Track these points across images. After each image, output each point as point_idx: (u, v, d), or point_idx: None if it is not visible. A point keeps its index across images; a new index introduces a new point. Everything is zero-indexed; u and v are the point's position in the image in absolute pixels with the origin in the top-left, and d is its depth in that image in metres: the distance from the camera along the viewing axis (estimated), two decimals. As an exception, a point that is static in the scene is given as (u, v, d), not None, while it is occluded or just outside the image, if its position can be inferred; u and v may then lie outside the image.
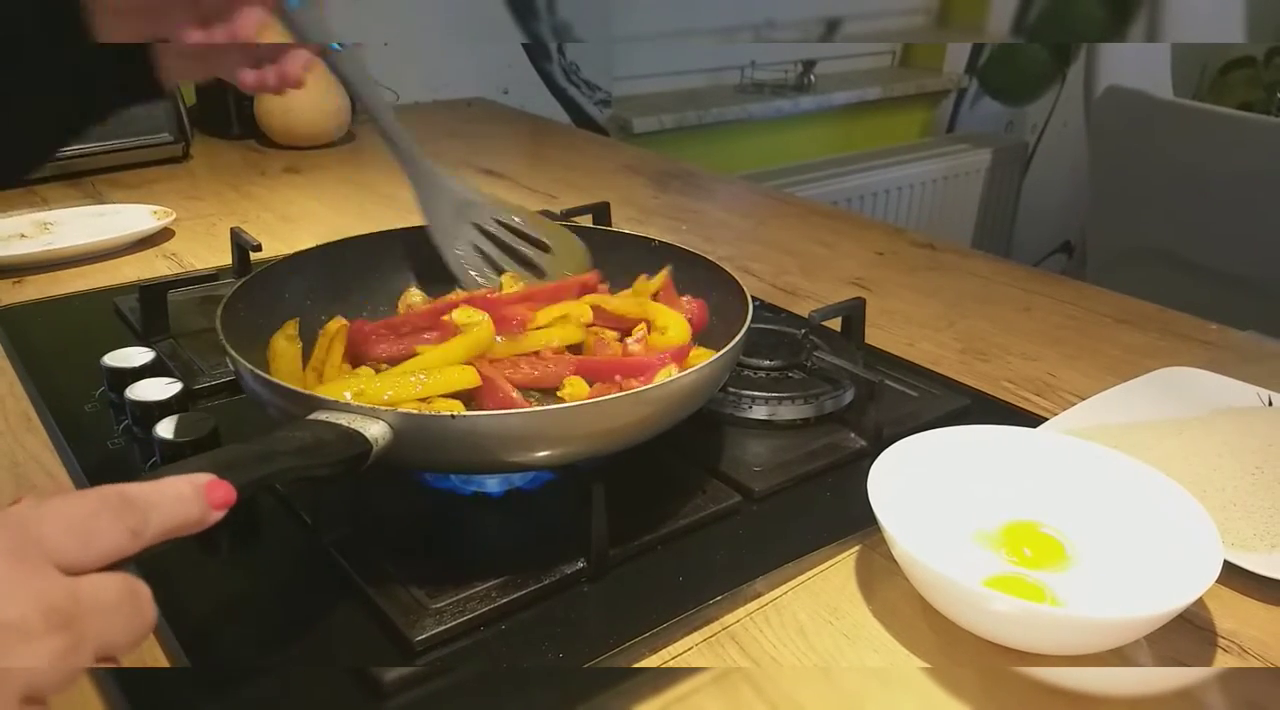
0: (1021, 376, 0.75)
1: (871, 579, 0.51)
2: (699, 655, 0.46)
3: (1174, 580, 0.45)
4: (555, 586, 0.49)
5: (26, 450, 0.62)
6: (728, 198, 1.24)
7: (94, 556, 0.30)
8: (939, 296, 0.91)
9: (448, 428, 0.46)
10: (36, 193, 1.13)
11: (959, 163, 2.41)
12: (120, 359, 0.66)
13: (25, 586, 0.27)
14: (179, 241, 1.00)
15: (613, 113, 1.95)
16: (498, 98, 1.79)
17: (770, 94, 2.16)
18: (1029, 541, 0.51)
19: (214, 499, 0.34)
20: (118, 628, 0.30)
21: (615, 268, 0.70)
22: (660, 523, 0.53)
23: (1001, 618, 0.44)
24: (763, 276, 0.94)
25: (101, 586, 0.29)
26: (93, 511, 0.30)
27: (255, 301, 0.60)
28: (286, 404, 0.48)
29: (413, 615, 0.46)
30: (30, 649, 0.27)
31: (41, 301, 0.85)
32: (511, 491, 0.55)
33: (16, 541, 0.28)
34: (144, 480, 0.33)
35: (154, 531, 0.32)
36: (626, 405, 0.49)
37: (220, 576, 0.51)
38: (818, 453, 0.61)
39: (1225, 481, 0.56)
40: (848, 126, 2.36)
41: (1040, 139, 2.73)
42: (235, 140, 1.39)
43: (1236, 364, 0.74)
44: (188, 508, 0.33)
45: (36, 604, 0.27)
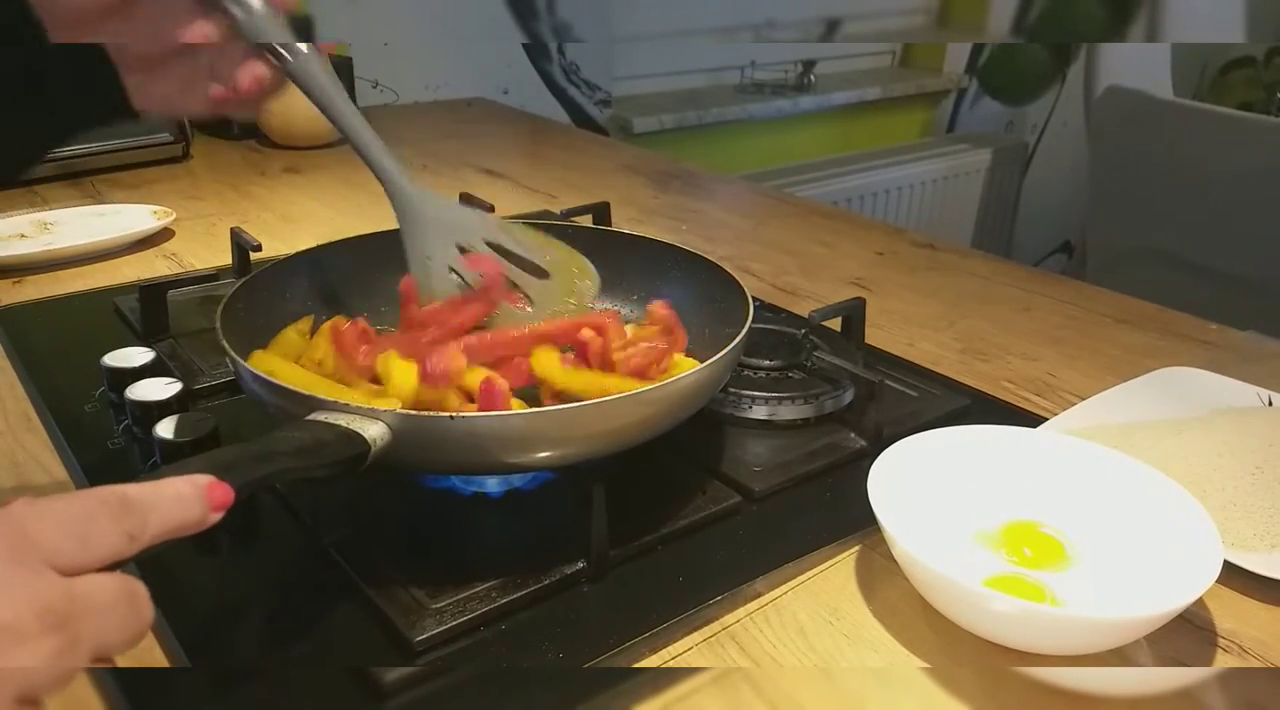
0: (1021, 376, 0.75)
1: (871, 579, 0.51)
2: (699, 655, 0.46)
3: (1174, 580, 0.45)
4: (555, 586, 0.49)
5: (26, 450, 0.62)
6: (728, 198, 1.24)
7: (91, 559, 0.30)
8: (939, 296, 0.91)
9: (447, 428, 0.46)
10: (36, 193, 1.13)
11: (959, 163, 2.41)
12: (120, 359, 0.66)
13: (21, 587, 0.27)
14: (179, 241, 1.00)
15: (613, 113, 1.95)
16: (497, 98, 1.79)
17: (770, 94, 2.16)
18: (1029, 541, 0.51)
19: (214, 500, 0.34)
20: (114, 628, 0.30)
21: (615, 269, 0.70)
22: (660, 523, 0.53)
23: (1001, 618, 0.44)
24: (763, 276, 0.94)
25: (97, 587, 0.29)
26: (91, 514, 0.30)
27: (255, 301, 0.60)
28: (286, 404, 0.48)
29: (413, 615, 0.46)
30: (25, 650, 0.27)
31: (41, 301, 0.85)
32: (511, 492, 0.55)
33: (13, 542, 0.28)
34: (144, 481, 0.33)
35: (152, 533, 0.32)
36: (627, 406, 0.49)
37: (220, 576, 0.51)
38: (818, 453, 0.61)
39: (1225, 481, 0.56)
40: (848, 126, 2.36)
41: (1040, 139, 2.74)
42: (235, 140, 1.39)
43: (1236, 364, 0.74)
44: (187, 509, 0.33)
45: (31, 605, 0.27)
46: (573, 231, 0.74)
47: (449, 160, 1.32)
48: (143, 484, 0.33)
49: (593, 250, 0.71)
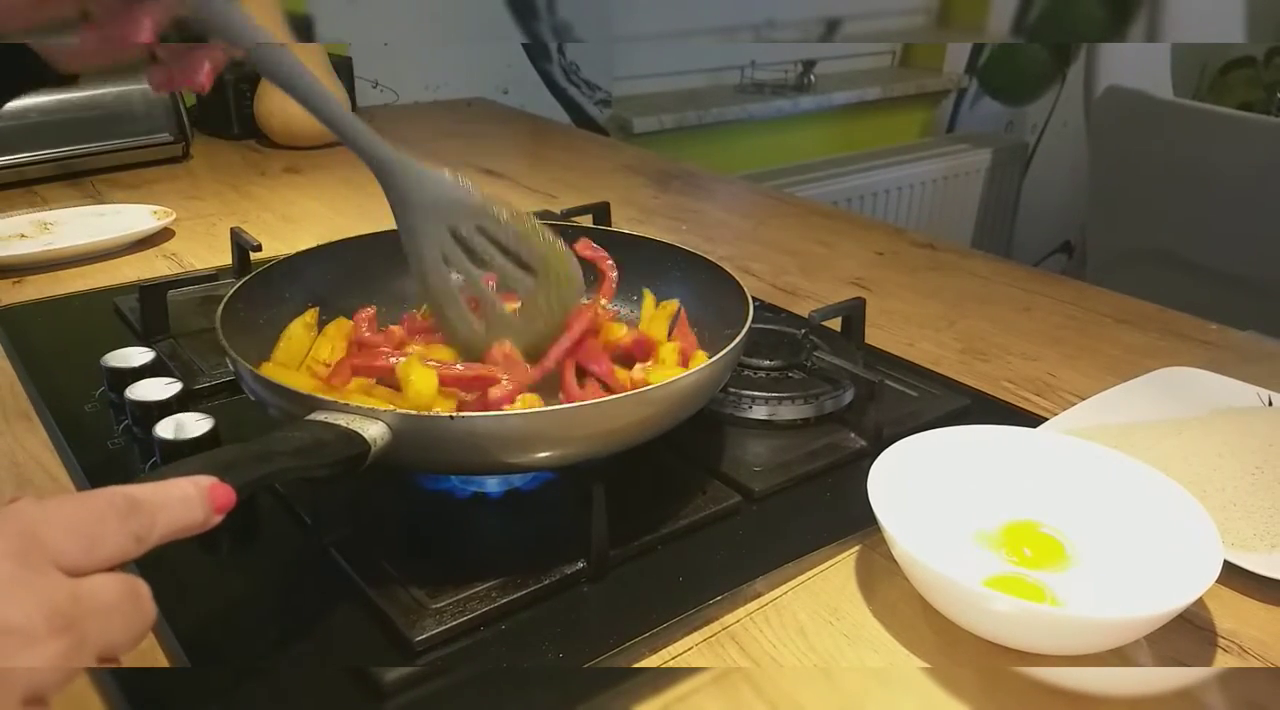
0: (1021, 376, 0.75)
1: (871, 579, 0.51)
2: (699, 655, 0.46)
3: (1174, 580, 0.45)
4: (555, 586, 0.49)
5: (26, 450, 0.62)
6: (728, 198, 1.24)
7: (97, 561, 0.30)
8: (939, 296, 0.90)
9: (446, 428, 0.46)
10: (36, 193, 1.13)
11: (959, 163, 2.41)
12: (120, 359, 0.66)
13: (30, 589, 0.28)
14: (179, 241, 1.00)
15: (613, 113, 1.95)
16: (497, 98, 1.79)
17: (770, 94, 2.16)
18: (1029, 541, 0.51)
19: (216, 502, 0.34)
20: (118, 628, 0.30)
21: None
22: (660, 523, 0.53)
23: (1001, 618, 0.44)
24: (763, 276, 0.94)
25: (102, 587, 0.29)
26: (99, 515, 0.30)
27: (255, 301, 0.60)
28: (286, 404, 0.48)
29: (413, 615, 0.46)
30: (33, 652, 0.27)
31: (41, 301, 0.85)
32: (511, 492, 0.55)
33: (21, 544, 0.28)
34: (147, 481, 0.33)
35: (159, 535, 0.32)
36: (627, 406, 0.49)
37: (220, 576, 0.51)
38: (818, 453, 0.61)
39: (1225, 481, 0.56)
40: (848, 126, 2.36)
41: (1040, 139, 2.74)
42: (235, 140, 1.39)
43: (1236, 364, 0.74)
44: (192, 511, 0.33)
45: (41, 607, 0.27)
46: (573, 231, 0.74)
47: (449, 160, 1.32)
48: (148, 485, 0.33)
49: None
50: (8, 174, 1.13)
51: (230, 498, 0.35)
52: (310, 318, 0.62)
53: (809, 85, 2.21)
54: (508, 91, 1.80)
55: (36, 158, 1.15)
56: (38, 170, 1.15)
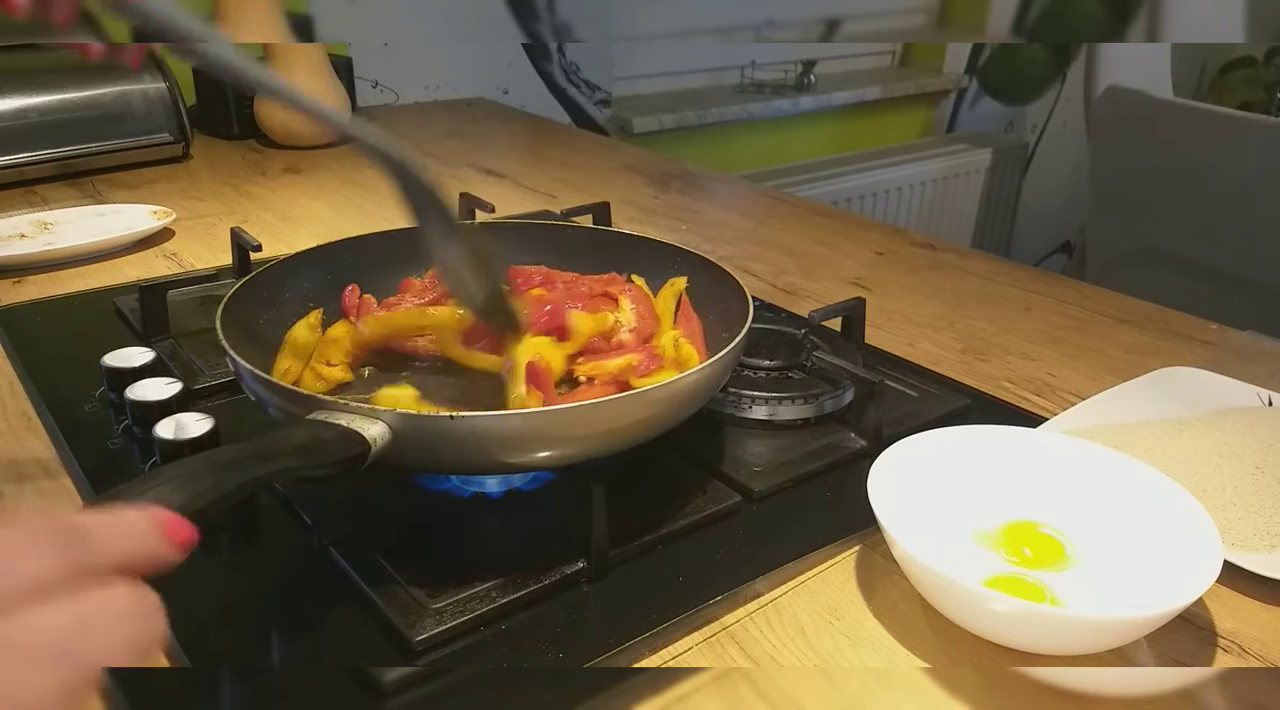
0: (1021, 376, 0.75)
1: (871, 579, 0.51)
2: (699, 655, 0.46)
3: (1174, 580, 0.45)
4: (555, 586, 0.49)
5: (26, 450, 0.62)
6: (728, 198, 1.24)
7: (24, 588, 0.27)
8: (939, 296, 0.91)
9: (446, 428, 0.46)
10: (36, 193, 1.13)
11: (959, 163, 2.41)
12: (120, 359, 0.66)
13: None
14: (179, 241, 1.00)
15: (613, 113, 1.95)
16: (497, 98, 1.79)
17: (770, 94, 2.16)
18: (1029, 541, 0.51)
19: (173, 535, 0.31)
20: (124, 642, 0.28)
21: (615, 269, 0.70)
22: (660, 523, 0.53)
23: (1001, 618, 0.44)
24: (763, 276, 0.94)
25: (110, 600, 0.28)
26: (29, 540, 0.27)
27: (255, 301, 0.60)
28: (286, 404, 0.48)
29: (413, 615, 0.46)
30: None
31: (41, 301, 0.85)
32: (511, 492, 0.55)
33: None
34: (92, 511, 0.30)
35: (110, 566, 0.29)
36: (627, 406, 0.49)
37: (220, 576, 0.51)
38: (818, 453, 0.61)
39: (1225, 481, 0.56)
40: (848, 126, 2.36)
41: (1040, 139, 2.74)
42: (235, 140, 1.39)
43: (1236, 364, 0.74)
44: (145, 543, 0.30)
45: None
46: (573, 231, 0.74)
47: (449, 160, 1.32)
48: (97, 514, 0.30)
49: (593, 250, 0.71)
50: (8, 174, 1.13)
51: (190, 532, 0.32)
52: (314, 319, 0.62)
53: (809, 85, 2.21)
54: (508, 91, 1.80)
55: (36, 158, 1.15)
56: (38, 170, 1.15)
